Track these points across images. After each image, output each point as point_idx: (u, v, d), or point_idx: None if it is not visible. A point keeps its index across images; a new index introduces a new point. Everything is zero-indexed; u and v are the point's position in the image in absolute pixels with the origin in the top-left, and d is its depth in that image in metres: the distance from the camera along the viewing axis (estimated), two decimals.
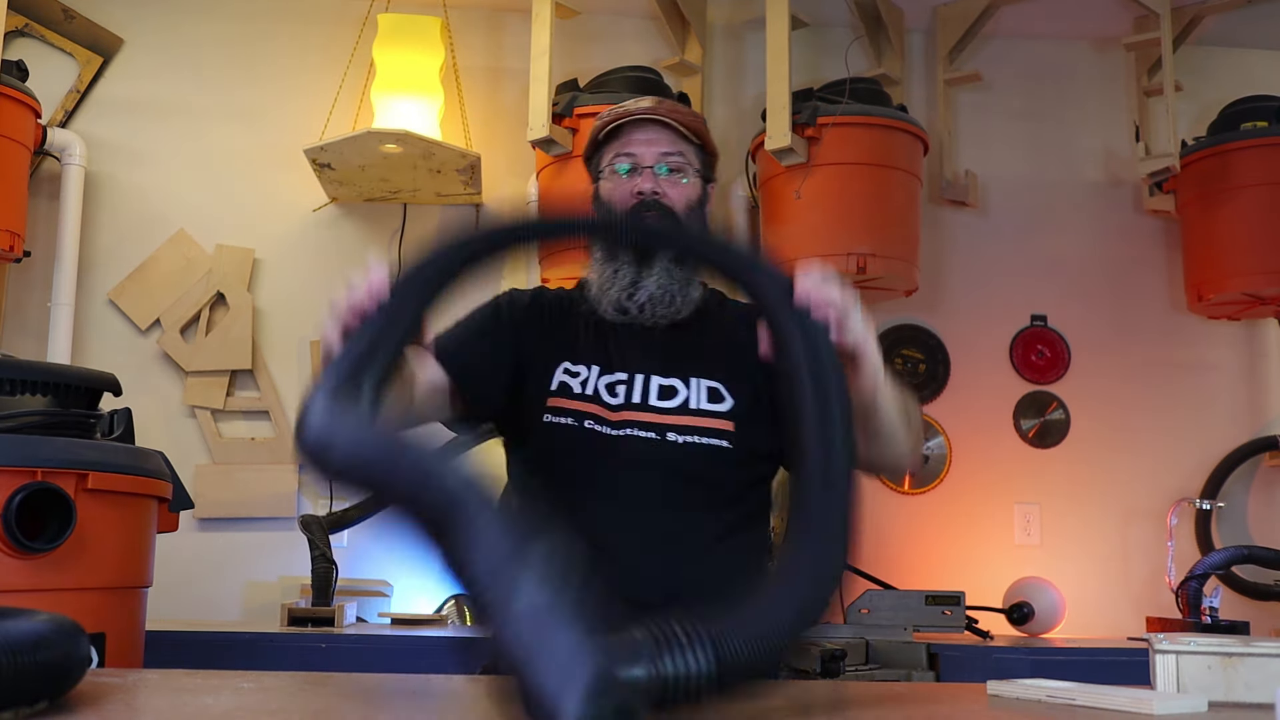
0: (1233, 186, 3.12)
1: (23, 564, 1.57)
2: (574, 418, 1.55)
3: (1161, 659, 1.08)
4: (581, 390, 1.58)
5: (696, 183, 1.68)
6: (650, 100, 1.70)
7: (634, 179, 1.65)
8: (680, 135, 1.67)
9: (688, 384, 1.59)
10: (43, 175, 3.12)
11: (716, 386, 1.59)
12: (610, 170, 1.68)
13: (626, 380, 1.59)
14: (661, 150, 1.66)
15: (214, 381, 3.13)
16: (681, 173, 1.66)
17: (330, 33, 3.25)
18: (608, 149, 1.70)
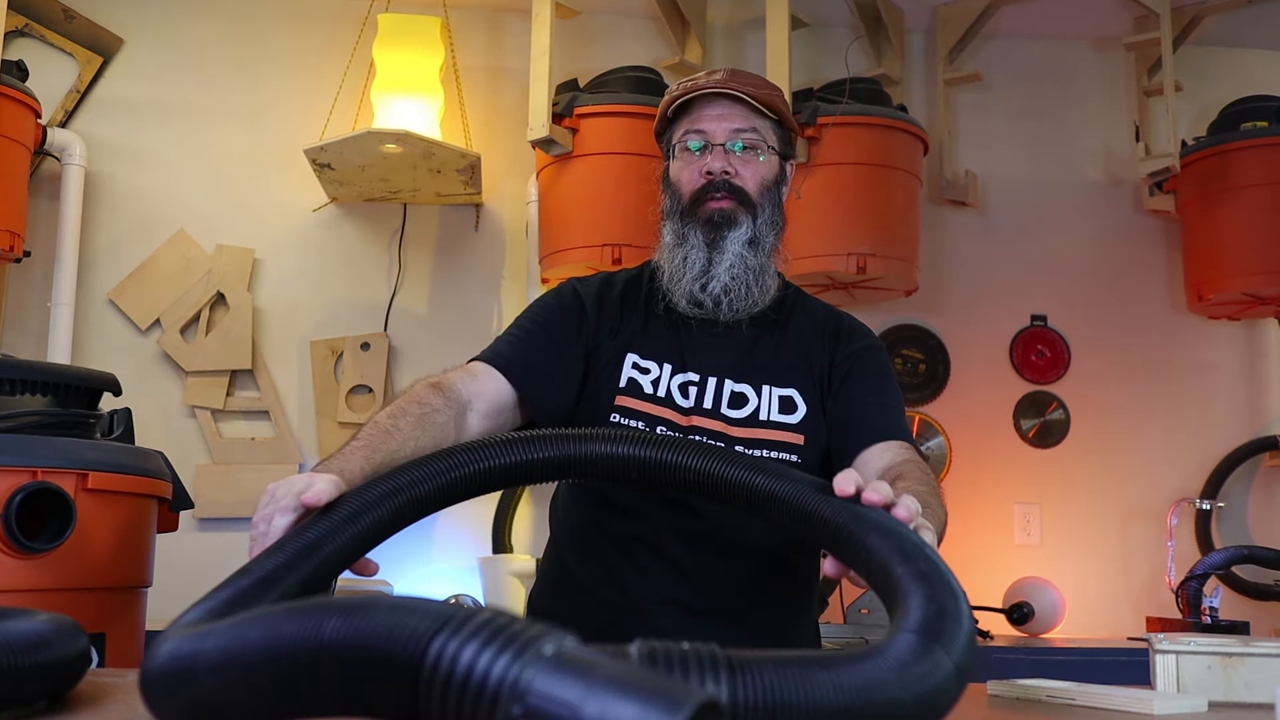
0: (1233, 186, 3.12)
1: (22, 564, 1.57)
2: (646, 421, 1.49)
3: (1161, 659, 1.08)
4: (653, 391, 1.52)
5: (773, 160, 1.60)
6: (723, 72, 1.60)
7: (704, 157, 1.56)
8: (755, 110, 1.57)
9: (759, 392, 1.53)
10: (43, 175, 3.12)
11: (790, 395, 1.53)
12: (681, 148, 1.59)
13: (698, 382, 1.53)
14: (734, 126, 1.57)
15: (214, 381, 3.13)
16: (756, 150, 1.57)
17: (330, 33, 3.25)
18: (678, 125, 1.62)
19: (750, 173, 1.56)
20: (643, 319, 1.58)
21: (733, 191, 1.55)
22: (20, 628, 0.86)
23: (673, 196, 1.60)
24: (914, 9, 3.39)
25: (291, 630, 0.59)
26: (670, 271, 1.56)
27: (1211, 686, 1.06)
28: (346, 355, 3.17)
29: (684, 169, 1.58)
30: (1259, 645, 1.06)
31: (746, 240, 1.55)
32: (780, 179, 1.62)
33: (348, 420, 3.09)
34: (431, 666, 0.53)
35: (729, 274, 1.53)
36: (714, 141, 1.56)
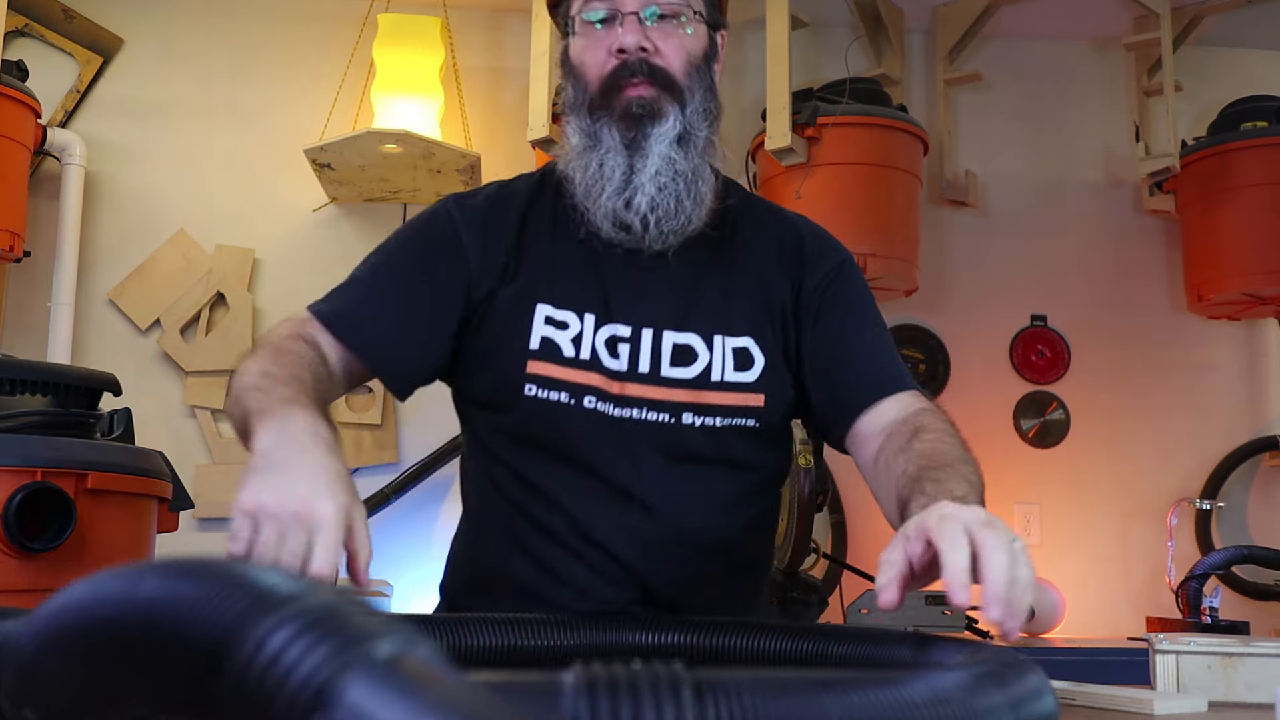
0: (1233, 186, 3.12)
1: (23, 564, 1.57)
2: (570, 393, 1.21)
3: (1161, 659, 1.08)
4: (575, 353, 1.22)
5: (701, 31, 1.30)
6: None
7: (613, 31, 1.25)
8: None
9: (710, 344, 1.25)
10: (43, 175, 3.11)
11: (745, 346, 1.26)
12: (581, 21, 1.28)
13: (630, 338, 1.23)
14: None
15: (214, 381, 3.12)
16: (678, 18, 1.27)
17: (330, 32, 3.25)
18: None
19: (673, 48, 1.26)
20: (550, 249, 1.28)
21: (653, 74, 1.25)
22: None
23: (576, 86, 1.29)
24: (914, 9, 3.39)
25: (111, 590, 0.49)
26: (584, 184, 1.26)
27: (1211, 686, 1.06)
28: None
29: (587, 49, 1.28)
30: (1259, 645, 1.06)
31: (674, 137, 1.25)
32: (711, 54, 1.32)
33: (347, 420, 3.09)
34: (234, 652, 0.41)
35: (654, 183, 1.24)
36: (623, 9, 1.25)
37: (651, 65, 1.25)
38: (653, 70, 1.25)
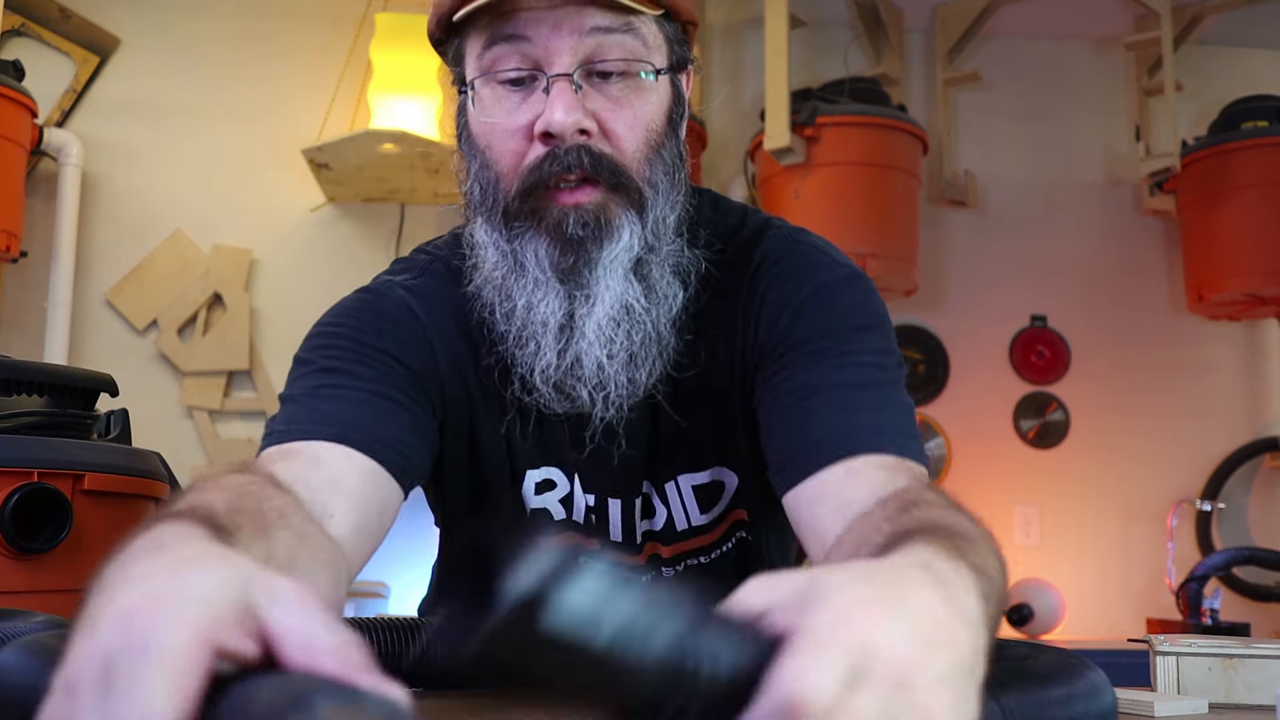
0: (1233, 186, 3.12)
1: (19, 565, 1.56)
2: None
3: (1162, 660, 1.07)
4: (568, 515, 1.01)
5: (663, 86, 0.92)
6: None
7: (534, 98, 0.88)
8: (616, 3, 0.87)
9: (665, 495, 1.00)
10: (39, 175, 3.11)
11: (708, 480, 1.01)
12: (484, 84, 0.90)
13: (596, 508, 1.00)
14: (590, 25, 0.87)
15: (211, 382, 3.12)
16: (629, 74, 0.89)
17: (328, 32, 3.24)
18: (474, 34, 0.91)
19: (626, 124, 0.89)
20: (494, 398, 0.98)
21: (596, 166, 0.88)
22: (17, 630, 0.85)
23: (483, 177, 0.95)
24: (913, 8, 3.39)
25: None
26: (509, 329, 0.92)
27: (1212, 688, 1.05)
28: None
29: (495, 127, 0.91)
30: (1260, 647, 1.05)
31: (629, 263, 0.90)
32: (677, 113, 0.95)
33: None
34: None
35: (601, 342, 0.90)
36: (549, 69, 0.87)
37: (594, 154, 0.88)
38: (596, 161, 0.88)
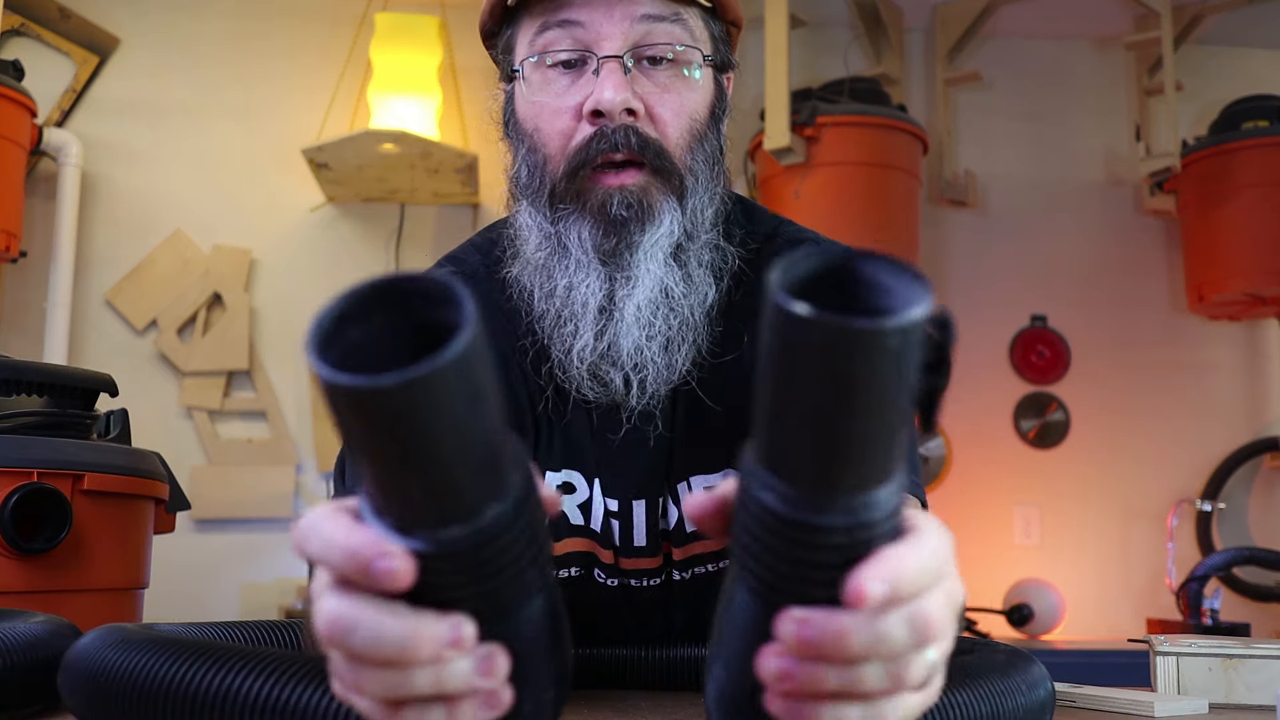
0: (1234, 186, 3.12)
1: (19, 565, 1.56)
2: (581, 566, 0.99)
3: (1162, 661, 1.07)
4: (585, 521, 0.98)
5: (708, 79, 0.95)
6: None
7: (583, 80, 0.91)
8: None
9: (678, 496, 0.98)
10: (39, 175, 3.10)
11: (716, 483, 0.93)
12: (535, 67, 0.93)
13: (619, 513, 0.99)
14: (641, 12, 0.90)
15: (211, 382, 3.12)
16: (679, 62, 0.93)
17: (328, 32, 3.24)
18: (526, 21, 0.94)
19: (672, 109, 0.92)
20: (525, 389, 0.97)
21: (643, 148, 0.90)
22: (16, 629, 0.85)
23: (530, 160, 0.95)
24: (913, 8, 3.38)
25: None
26: (548, 313, 0.94)
27: (1212, 688, 1.05)
28: None
29: (545, 106, 0.93)
30: (1260, 647, 1.05)
31: (670, 249, 0.92)
32: (719, 110, 0.98)
33: None
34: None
35: (640, 325, 0.91)
36: (599, 51, 0.90)
37: (641, 136, 0.90)
38: (643, 143, 0.90)
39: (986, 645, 0.83)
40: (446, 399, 0.41)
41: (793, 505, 0.45)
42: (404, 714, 0.47)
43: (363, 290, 0.44)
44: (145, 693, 0.62)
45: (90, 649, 0.67)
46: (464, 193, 3.18)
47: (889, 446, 0.44)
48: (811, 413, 0.43)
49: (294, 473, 3.10)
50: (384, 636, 0.45)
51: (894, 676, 0.47)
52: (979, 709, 0.65)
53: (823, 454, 0.44)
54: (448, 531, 0.45)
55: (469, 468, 0.44)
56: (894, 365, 0.41)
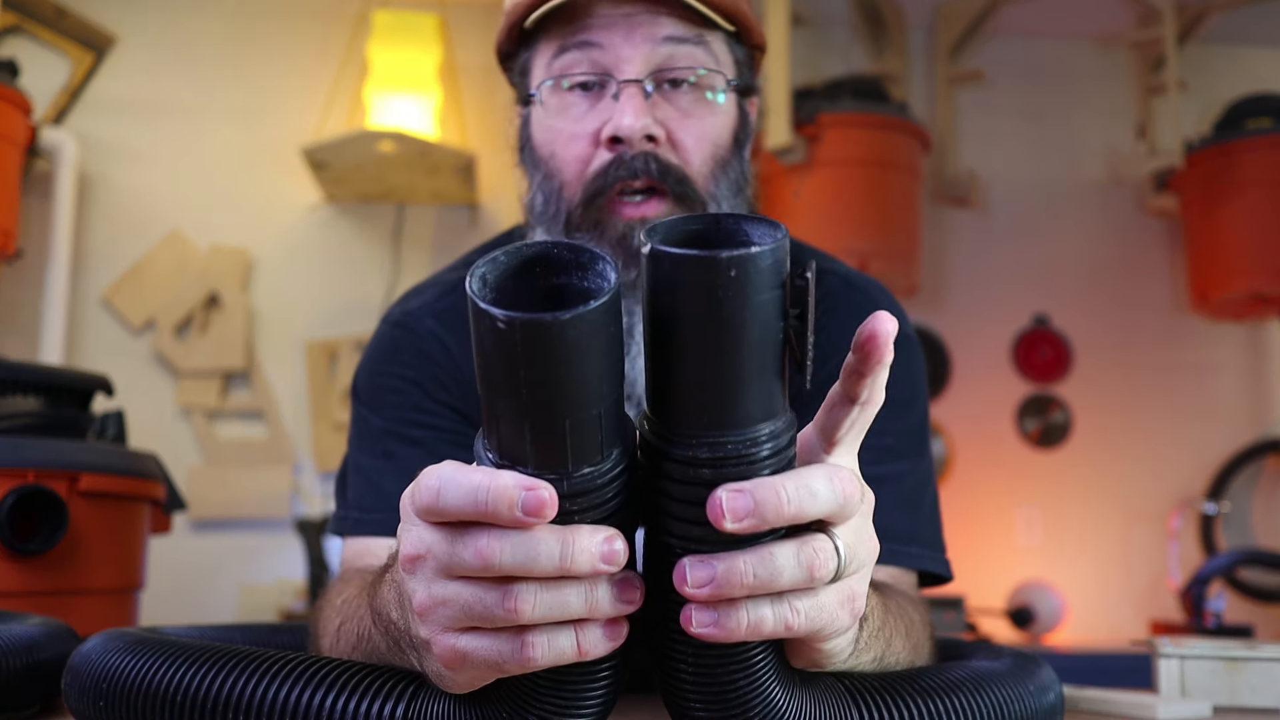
0: (1237, 185, 3.10)
1: (14, 567, 1.55)
2: None
3: (1165, 663, 1.06)
4: None
5: (731, 104, 0.94)
6: None
7: (602, 104, 0.89)
8: (690, 15, 0.89)
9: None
10: (35, 174, 3.09)
11: None
12: (552, 90, 0.91)
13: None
14: (663, 34, 0.88)
15: (208, 382, 3.11)
16: (702, 86, 0.90)
17: (326, 30, 3.23)
18: (544, 44, 0.92)
19: (694, 135, 0.90)
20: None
21: (664, 175, 0.88)
22: (12, 631, 0.85)
23: (546, 186, 0.93)
24: (915, 6, 3.38)
25: None
26: None
27: (1216, 691, 1.04)
28: (342, 356, 3.15)
29: (562, 131, 0.90)
30: (1264, 649, 1.04)
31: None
32: (743, 135, 0.97)
33: (344, 422, 3.08)
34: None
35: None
36: (619, 74, 0.88)
37: (661, 162, 0.88)
38: (664, 170, 0.87)
39: (994, 649, 0.83)
40: (601, 338, 0.47)
41: (664, 440, 0.50)
42: (534, 641, 0.50)
43: (501, 258, 0.49)
44: (156, 697, 0.62)
45: (97, 653, 0.67)
46: (463, 192, 3.17)
47: (747, 384, 0.48)
48: (672, 348, 0.48)
49: (291, 473, 3.09)
50: (541, 548, 0.48)
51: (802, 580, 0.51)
52: (990, 714, 0.66)
53: (685, 390, 0.49)
54: (580, 470, 0.49)
55: (607, 408, 0.49)
56: (734, 296, 0.46)
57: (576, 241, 0.49)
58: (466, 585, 0.50)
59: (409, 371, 0.98)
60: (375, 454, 0.94)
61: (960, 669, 0.69)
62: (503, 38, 0.96)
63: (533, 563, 0.48)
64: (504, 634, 0.50)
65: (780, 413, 0.51)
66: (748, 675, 0.54)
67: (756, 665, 0.54)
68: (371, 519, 0.92)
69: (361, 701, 0.59)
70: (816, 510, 0.51)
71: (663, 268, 0.47)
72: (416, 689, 0.60)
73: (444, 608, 0.50)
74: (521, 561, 0.48)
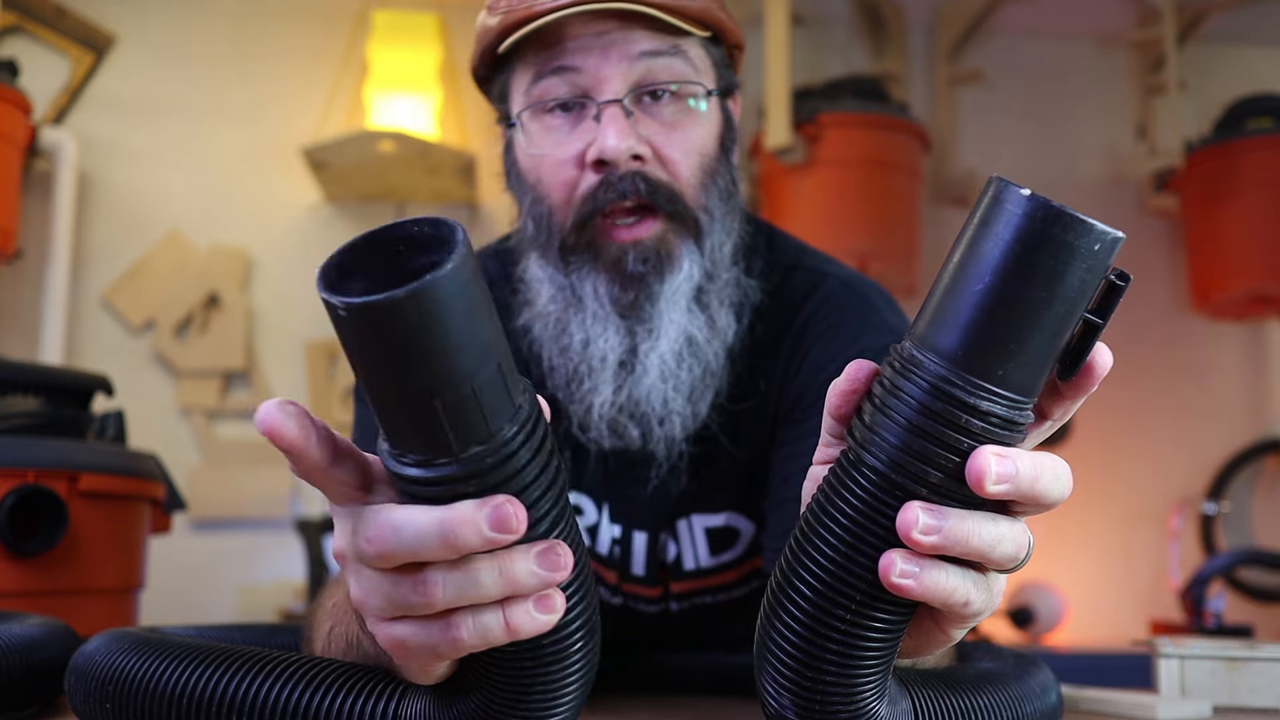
0: (1237, 185, 3.10)
1: (15, 567, 1.55)
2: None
3: (1165, 663, 1.06)
4: (591, 544, 1.01)
5: (713, 109, 0.93)
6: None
7: (584, 125, 0.88)
8: (664, 26, 0.88)
9: (676, 532, 0.99)
10: (35, 174, 3.09)
11: (722, 525, 0.98)
12: (532, 116, 0.90)
13: (622, 539, 1.00)
14: (638, 49, 0.88)
15: (207, 383, 3.11)
16: (683, 96, 0.89)
17: (325, 30, 3.23)
18: (520, 68, 0.91)
19: (680, 148, 0.89)
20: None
21: (654, 193, 0.88)
22: (12, 631, 0.85)
23: (535, 211, 0.93)
24: (915, 6, 3.37)
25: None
26: (562, 368, 0.91)
27: (1216, 691, 1.04)
28: (342, 357, 3.15)
29: (545, 158, 0.90)
30: (1264, 649, 1.04)
31: (691, 293, 0.90)
32: (729, 138, 0.95)
33: (345, 422, 3.08)
34: None
35: (665, 376, 0.89)
36: (599, 96, 0.87)
37: (650, 181, 0.87)
38: (653, 188, 0.87)
39: (993, 650, 0.83)
40: (453, 311, 0.44)
41: (943, 380, 0.49)
42: (459, 622, 0.49)
43: (358, 243, 0.48)
44: (164, 698, 0.62)
45: (102, 653, 0.67)
46: (463, 192, 3.17)
47: (1050, 354, 0.49)
48: (996, 300, 0.47)
49: (291, 474, 3.08)
50: (426, 530, 0.47)
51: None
52: (993, 716, 0.66)
53: (995, 342, 0.48)
54: (468, 450, 0.47)
55: (482, 383, 0.47)
56: (1088, 267, 0.50)
57: (427, 217, 0.48)
58: (384, 575, 0.49)
59: None
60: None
61: (963, 670, 0.69)
62: (477, 62, 0.96)
63: (421, 545, 0.47)
64: (432, 620, 0.50)
65: (1038, 393, 0.51)
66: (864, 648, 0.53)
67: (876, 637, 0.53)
68: None
69: (367, 701, 0.60)
70: (1054, 495, 0.51)
71: (1032, 213, 0.47)
72: (407, 688, 0.60)
73: (372, 598, 0.50)
74: (411, 546, 0.47)
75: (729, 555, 0.99)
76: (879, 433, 0.50)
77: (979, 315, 0.48)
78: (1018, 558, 0.51)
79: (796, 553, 0.53)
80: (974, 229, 0.48)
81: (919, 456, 0.49)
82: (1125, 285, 0.51)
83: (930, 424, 0.49)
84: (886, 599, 0.51)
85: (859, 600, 0.51)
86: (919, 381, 0.49)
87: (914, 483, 0.49)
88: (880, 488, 0.50)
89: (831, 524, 0.52)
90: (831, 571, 0.52)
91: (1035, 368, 0.49)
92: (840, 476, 0.52)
